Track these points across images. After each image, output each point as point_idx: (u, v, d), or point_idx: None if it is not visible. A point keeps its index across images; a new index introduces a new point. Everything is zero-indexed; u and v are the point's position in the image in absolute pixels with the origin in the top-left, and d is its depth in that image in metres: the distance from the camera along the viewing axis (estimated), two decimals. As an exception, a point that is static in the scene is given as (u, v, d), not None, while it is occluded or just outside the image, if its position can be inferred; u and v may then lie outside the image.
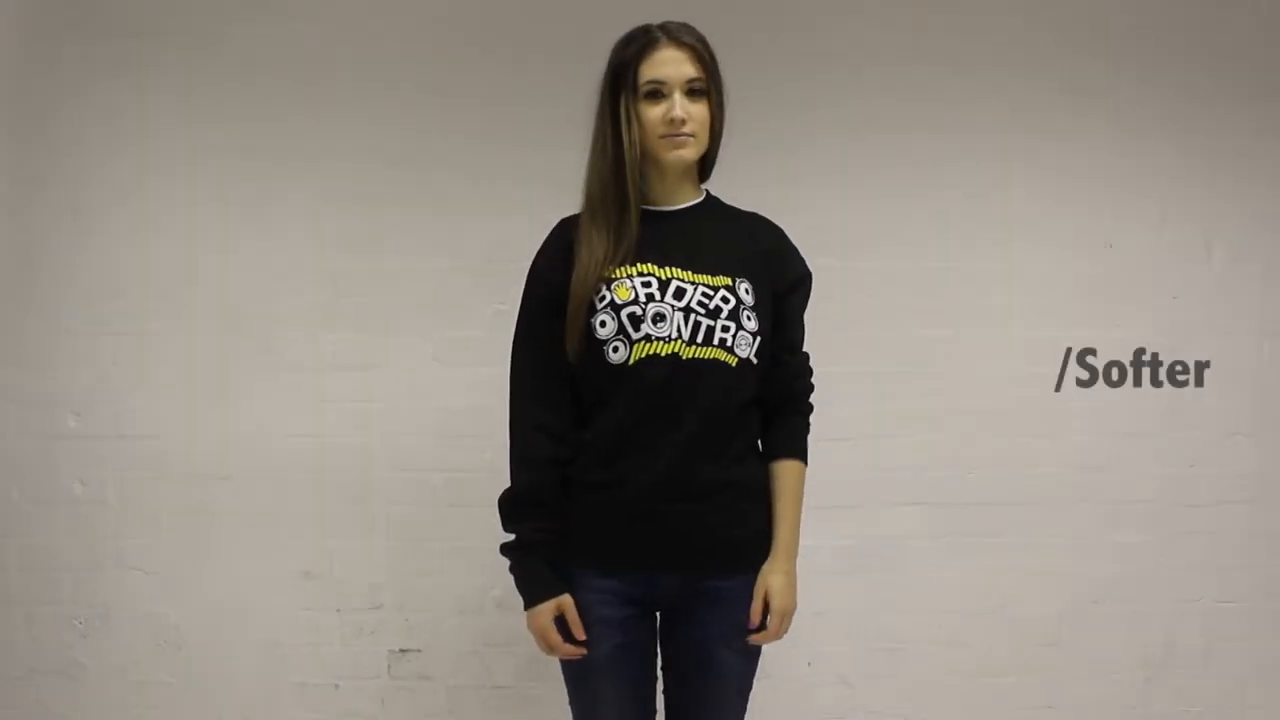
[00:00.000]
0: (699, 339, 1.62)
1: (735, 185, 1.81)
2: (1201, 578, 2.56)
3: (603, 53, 1.65)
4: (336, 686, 2.51)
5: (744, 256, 1.69)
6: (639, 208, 1.66)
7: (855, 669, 2.54)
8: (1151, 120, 2.55)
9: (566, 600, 1.64)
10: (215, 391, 2.50)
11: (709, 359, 1.62)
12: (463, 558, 2.49)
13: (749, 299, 1.65)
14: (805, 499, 1.72)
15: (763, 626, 1.67)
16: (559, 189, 2.37)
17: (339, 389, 2.49)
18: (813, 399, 1.79)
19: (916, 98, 2.52)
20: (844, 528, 2.50)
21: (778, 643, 1.71)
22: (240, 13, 2.50)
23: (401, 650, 2.51)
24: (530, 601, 1.66)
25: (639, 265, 1.65)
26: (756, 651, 1.72)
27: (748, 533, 1.68)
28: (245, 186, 2.50)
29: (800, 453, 1.74)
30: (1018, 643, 2.54)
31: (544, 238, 1.76)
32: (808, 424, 1.78)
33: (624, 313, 1.62)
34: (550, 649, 1.66)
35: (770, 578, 1.67)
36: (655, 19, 1.67)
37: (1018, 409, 2.53)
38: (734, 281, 1.65)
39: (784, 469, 1.71)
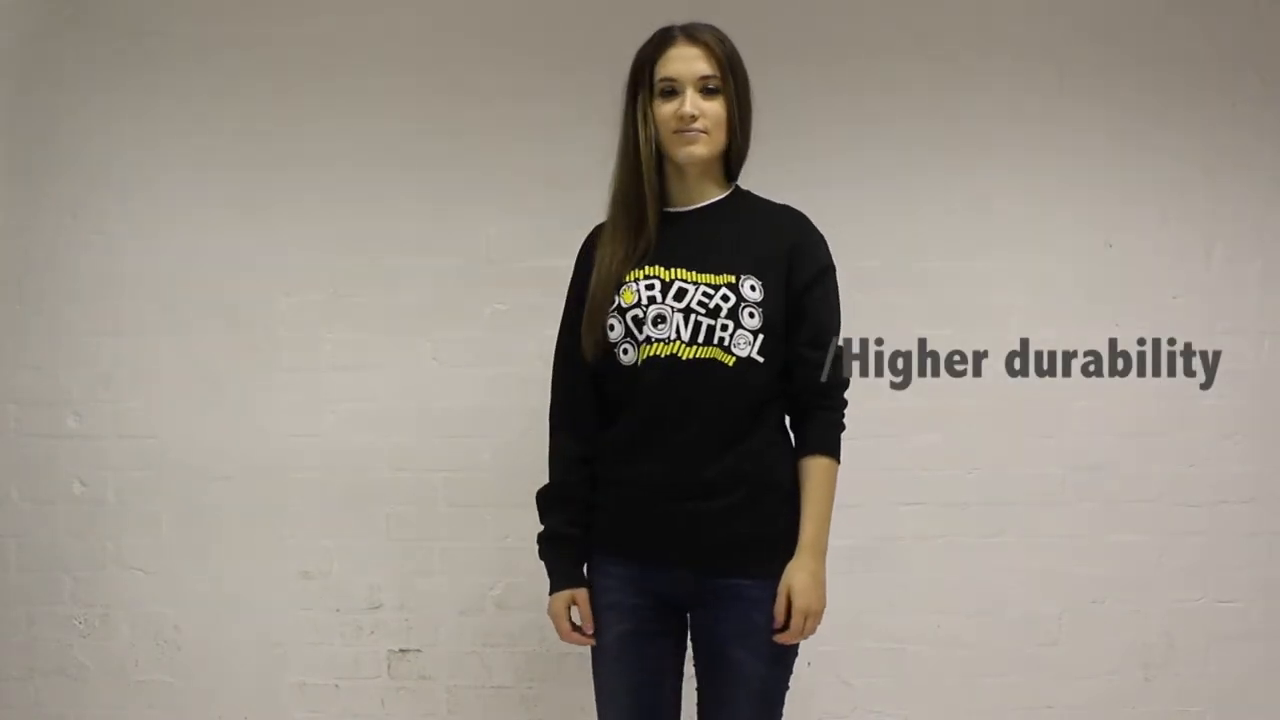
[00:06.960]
0: (699, 339, 1.63)
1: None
2: (1201, 578, 2.56)
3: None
4: (336, 686, 2.51)
5: (759, 253, 1.67)
6: (658, 209, 1.68)
7: (855, 669, 2.54)
8: (1151, 120, 2.55)
9: (581, 593, 1.71)
10: (215, 391, 2.50)
11: (706, 358, 1.63)
12: (463, 558, 2.49)
13: (754, 295, 1.64)
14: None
15: (786, 626, 1.64)
16: (560, 189, 2.40)
17: (339, 389, 2.49)
18: (849, 394, 1.75)
19: (915, 97, 2.52)
20: (844, 528, 2.47)
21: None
22: (241, 14, 2.50)
23: (401, 650, 2.51)
24: (551, 589, 1.74)
25: (647, 268, 1.67)
26: (784, 655, 1.69)
27: (774, 533, 1.67)
28: (245, 186, 2.50)
29: (827, 448, 1.70)
30: (1018, 643, 2.54)
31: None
32: (837, 420, 1.73)
33: (629, 316, 1.65)
34: (561, 635, 1.73)
35: (793, 576, 1.64)
36: (661, 20, 1.67)
37: (1018, 409, 2.53)
38: (738, 279, 1.64)
39: (810, 466, 1.69)
